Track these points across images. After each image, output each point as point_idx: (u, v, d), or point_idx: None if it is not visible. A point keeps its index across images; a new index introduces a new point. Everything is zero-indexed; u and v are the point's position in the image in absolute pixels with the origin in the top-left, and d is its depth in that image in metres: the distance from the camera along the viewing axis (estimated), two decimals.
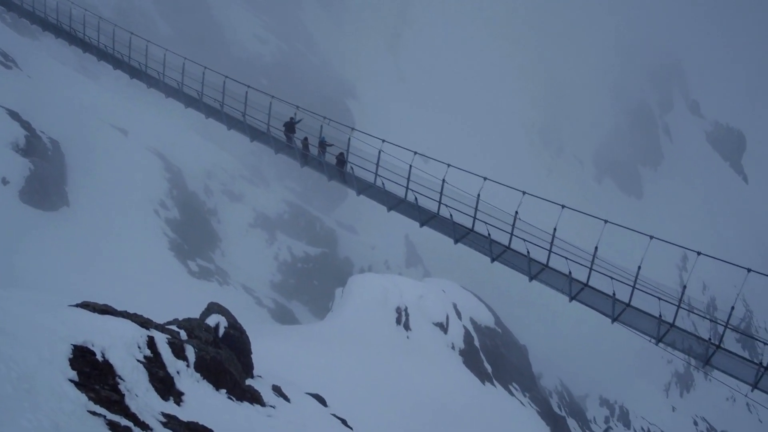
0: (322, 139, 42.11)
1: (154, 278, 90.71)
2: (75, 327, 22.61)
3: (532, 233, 33.76)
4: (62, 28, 58.15)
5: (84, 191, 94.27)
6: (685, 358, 34.45)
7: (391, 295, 75.43)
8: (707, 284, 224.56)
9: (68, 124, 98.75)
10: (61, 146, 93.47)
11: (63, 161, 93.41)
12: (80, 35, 56.81)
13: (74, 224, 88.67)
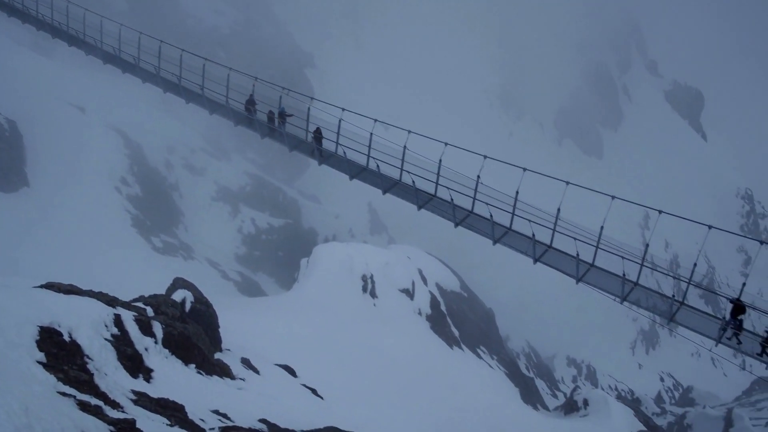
0: (281, 110, 41.91)
1: (118, 256, 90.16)
2: (41, 308, 22.47)
3: (494, 197, 33.81)
4: (15, 6, 57.34)
5: (44, 171, 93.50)
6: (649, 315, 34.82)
7: (357, 263, 75.47)
8: (669, 242, 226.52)
9: (25, 103, 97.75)
10: (19, 126, 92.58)
11: (21, 142, 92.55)
12: (33, 13, 56.03)
13: (35, 204, 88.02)
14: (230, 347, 36.88)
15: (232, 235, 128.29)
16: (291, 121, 42.15)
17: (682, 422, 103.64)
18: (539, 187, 34.36)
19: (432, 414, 51.01)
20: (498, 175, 31.91)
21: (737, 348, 30.46)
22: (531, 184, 32.56)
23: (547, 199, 33.03)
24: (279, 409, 30.55)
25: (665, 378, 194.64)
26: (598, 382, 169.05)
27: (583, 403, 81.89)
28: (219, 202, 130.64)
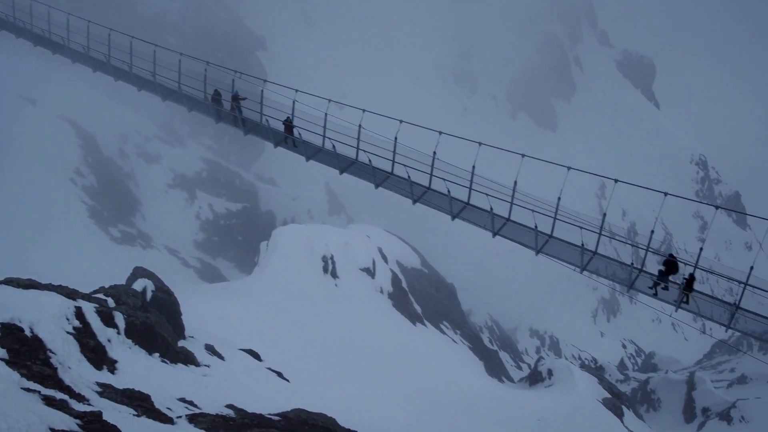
0: (234, 93, 41.72)
1: (76, 248, 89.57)
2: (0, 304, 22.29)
3: (451, 172, 33.88)
4: None
5: None
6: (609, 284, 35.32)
7: (316, 244, 75.37)
8: (626, 210, 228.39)
9: None
10: None
11: None
12: None
13: None
14: (193, 334, 36.76)
15: (190, 221, 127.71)
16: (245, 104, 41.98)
17: (646, 387, 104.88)
18: (495, 161, 34.46)
19: (398, 391, 51.21)
20: (454, 151, 31.98)
21: (655, 296, 31.15)
22: (487, 158, 32.64)
23: (503, 173, 33.13)
24: (245, 394, 30.54)
25: (627, 345, 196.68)
26: (561, 352, 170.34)
27: (548, 373, 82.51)
28: (175, 189, 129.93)
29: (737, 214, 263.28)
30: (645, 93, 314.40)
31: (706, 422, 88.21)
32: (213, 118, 43.67)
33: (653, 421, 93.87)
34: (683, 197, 33.05)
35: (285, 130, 39.94)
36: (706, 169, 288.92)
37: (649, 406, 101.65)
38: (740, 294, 28.36)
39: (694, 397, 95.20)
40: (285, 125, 39.84)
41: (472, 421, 52.11)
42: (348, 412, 34.88)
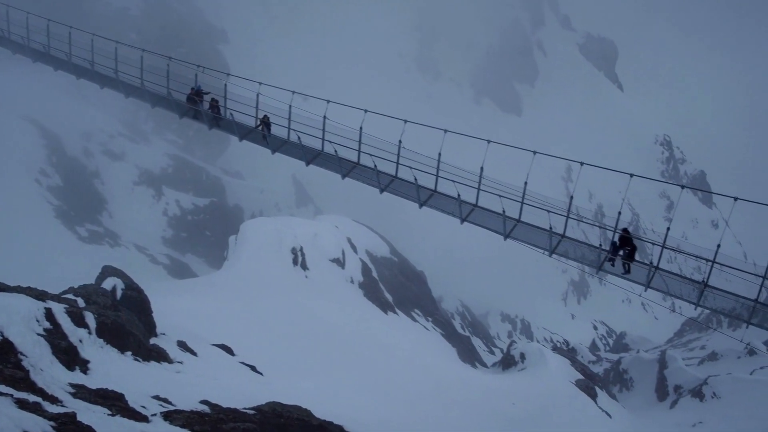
0: (198, 88, 41.54)
1: (44, 248, 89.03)
2: None
3: (418, 160, 33.92)
4: None
5: None
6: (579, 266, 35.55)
7: (285, 236, 75.33)
8: (593, 193, 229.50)
9: None
10: None
11: None
12: None
13: None
14: (165, 331, 36.64)
15: (157, 218, 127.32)
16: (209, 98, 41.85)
17: (618, 368, 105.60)
18: (461, 147, 34.56)
19: (371, 380, 51.32)
20: (420, 139, 32.05)
21: (613, 272, 31.59)
22: (453, 145, 32.74)
23: (469, 159, 33.24)
24: (220, 389, 30.50)
25: (598, 326, 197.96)
26: (533, 336, 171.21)
27: (520, 357, 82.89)
28: (142, 186, 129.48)
29: (703, 193, 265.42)
30: (608, 75, 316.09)
31: (678, 400, 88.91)
32: (176, 113, 43.45)
33: (626, 400, 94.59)
34: (649, 178, 33.32)
35: (263, 128, 39.72)
36: (670, 149, 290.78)
37: (622, 385, 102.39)
38: (708, 272, 28.60)
39: (666, 376, 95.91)
40: (262, 122, 39.64)
41: (446, 407, 52.33)
42: (322, 403, 34.94)
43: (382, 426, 38.27)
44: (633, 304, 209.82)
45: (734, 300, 29.86)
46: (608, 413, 72.62)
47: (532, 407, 61.06)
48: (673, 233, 29.62)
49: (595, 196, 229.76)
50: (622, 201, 38.05)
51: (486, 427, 49.49)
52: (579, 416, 65.58)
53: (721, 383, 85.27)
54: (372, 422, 37.52)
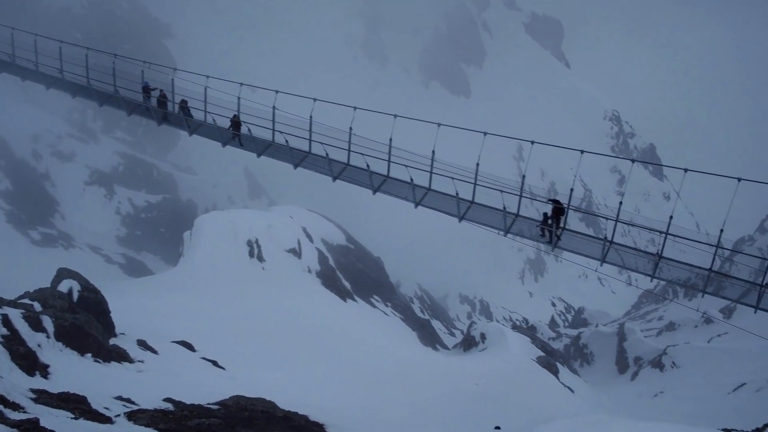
0: (145, 84, 41.27)
1: None
2: None
3: (369, 147, 33.96)
4: None
5: None
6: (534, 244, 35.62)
7: (240, 229, 75.03)
8: (545, 171, 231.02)
9: None
10: None
11: None
12: None
13: None
14: (124, 331, 36.44)
15: (110, 217, 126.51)
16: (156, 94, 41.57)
17: (578, 343, 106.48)
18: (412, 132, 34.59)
19: (334, 368, 51.34)
20: (370, 125, 32.07)
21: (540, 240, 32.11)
22: (403, 130, 32.75)
23: (421, 143, 33.34)
24: (182, 386, 30.41)
25: (556, 303, 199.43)
26: (492, 315, 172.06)
27: (481, 337, 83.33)
28: (93, 186, 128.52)
29: (654, 166, 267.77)
30: (555, 54, 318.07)
31: (639, 371, 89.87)
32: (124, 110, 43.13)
33: (588, 374, 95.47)
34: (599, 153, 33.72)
35: (233, 128, 39.39)
36: (619, 123, 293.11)
37: (583, 360, 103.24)
38: (662, 244, 28.93)
39: (626, 348, 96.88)
40: (233, 122, 39.32)
41: (410, 391, 52.48)
42: (286, 394, 34.93)
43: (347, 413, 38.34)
44: (590, 279, 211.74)
45: (689, 270, 30.23)
46: (570, 388, 73.27)
47: (494, 386, 61.40)
48: (626, 207, 29.90)
49: (547, 173, 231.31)
50: (573, 177, 38.31)
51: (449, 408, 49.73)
52: (542, 393, 66.07)
53: (679, 353, 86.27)
54: (336, 410, 37.58)
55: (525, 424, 25.25)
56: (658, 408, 71.26)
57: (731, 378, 72.51)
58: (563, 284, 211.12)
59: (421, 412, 46.71)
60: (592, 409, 66.63)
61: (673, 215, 28.12)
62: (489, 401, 55.75)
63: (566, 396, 69.87)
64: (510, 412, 51.73)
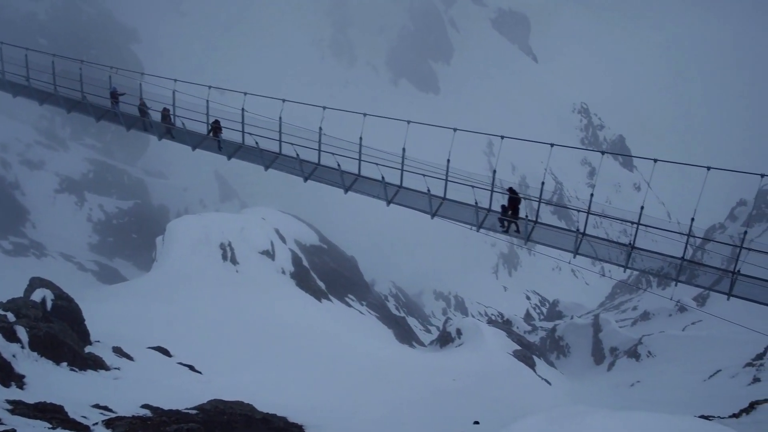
0: (113, 89, 41.06)
1: None
2: None
3: (340, 146, 33.96)
4: None
5: None
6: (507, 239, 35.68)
7: (212, 232, 74.83)
8: (515, 165, 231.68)
9: None
10: None
11: None
12: None
13: None
14: (100, 338, 36.27)
15: (82, 225, 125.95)
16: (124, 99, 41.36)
17: (554, 335, 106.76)
18: (382, 130, 34.64)
19: (311, 368, 51.33)
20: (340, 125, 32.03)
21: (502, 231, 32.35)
22: (373, 128, 32.78)
23: (391, 141, 33.37)
24: (159, 392, 30.34)
25: (531, 296, 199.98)
26: (467, 311, 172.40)
27: (457, 333, 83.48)
28: (63, 193, 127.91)
29: (624, 157, 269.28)
30: (522, 48, 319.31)
31: (615, 361, 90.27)
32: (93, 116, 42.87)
33: (564, 366, 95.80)
34: (569, 146, 33.92)
35: (213, 133, 39.19)
36: (588, 116, 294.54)
37: (559, 352, 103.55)
38: (634, 234, 29.09)
39: (601, 339, 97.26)
40: (213, 127, 39.11)
41: (388, 389, 52.55)
42: (265, 396, 34.92)
43: (326, 413, 38.38)
44: (563, 271, 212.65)
45: (662, 259, 30.41)
46: (548, 381, 73.56)
47: (472, 381, 61.56)
48: (597, 199, 30.05)
49: (517, 168, 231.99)
50: (544, 171, 38.56)
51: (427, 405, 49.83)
52: (519, 386, 66.30)
53: (655, 342, 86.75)
54: (315, 410, 37.61)
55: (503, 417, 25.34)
56: (635, 397, 71.58)
57: (707, 365, 72.97)
58: (537, 277, 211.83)
59: (400, 409, 46.76)
60: (569, 400, 66.94)
61: (644, 205, 28.28)
62: (467, 396, 55.86)
63: (543, 388, 70.15)
64: (488, 407, 51.85)
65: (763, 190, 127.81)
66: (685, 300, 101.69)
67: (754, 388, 58.97)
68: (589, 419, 19.00)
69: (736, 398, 52.49)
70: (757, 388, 58.16)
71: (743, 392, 57.19)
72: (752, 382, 61.47)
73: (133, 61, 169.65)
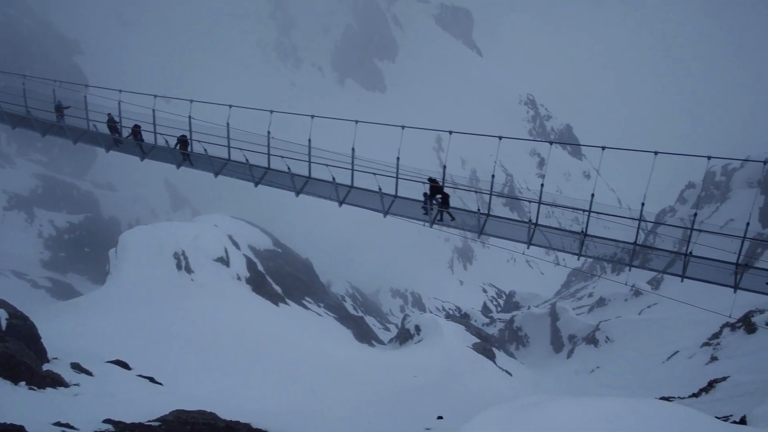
0: (58, 103, 40.73)
1: None
2: None
3: (289, 149, 33.97)
4: None
5: None
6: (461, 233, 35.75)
7: (166, 242, 74.32)
8: (465, 159, 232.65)
9: None
10: None
11: None
12: None
13: None
14: (57, 355, 35.93)
15: (33, 241, 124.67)
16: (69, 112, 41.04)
17: (512, 326, 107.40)
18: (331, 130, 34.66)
19: (272, 373, 51.27)
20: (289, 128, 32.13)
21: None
22: (322, 129, 32.83)
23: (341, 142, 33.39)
24: (121, 406, 30.15)
25: (487, 289, 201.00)
26: (425, 307, 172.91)
27: (416, 329, 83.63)
28: (12, 210, 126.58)
29: (572, 146, 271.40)
30: (466, 43, 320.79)
31: (574, 348, 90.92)
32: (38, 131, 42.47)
33: (524, 356, 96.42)
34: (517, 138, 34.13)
35: (180, 147, 38.88)
36: (535, 107, 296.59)
37: (518, 343, 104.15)
38: (586, 222, 29.38)
39: (559, 327, 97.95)
40: (180, 141, 38.81)
41: (350, 389, 52.60)
42: (227, 404, 34.83)
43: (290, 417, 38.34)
44: (518, 262, 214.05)
45: (615, 245, 30.78)
46: (508, 372, 73.92)
47: (433, 376, 61.75)
48: (548, 189, 30.28)
49: (467, 162, 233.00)
50: (494, 164, 38.84)
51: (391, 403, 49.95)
52: (480, 379, 66.52)
53: (612, 327, 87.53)
54: (278, 415, 37.56)
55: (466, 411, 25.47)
56: (596, 383, 72.23)
57: (664, 347, 73.74)
58: (492, 270, 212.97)
59: (364, 409, 46.84)
60: (531, 390, 67.34)
61: (595, 193, 28.59)
62: (429, 392, 56.03)
63: (505, 379, 70.46)
64: (451, 401, 52.04)
65: (710, 172, 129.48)
66: (639, 284, 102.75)
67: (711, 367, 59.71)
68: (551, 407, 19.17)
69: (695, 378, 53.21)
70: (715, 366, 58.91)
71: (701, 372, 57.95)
72: (710, 361, 62.23)
73: (76, 74, 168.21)
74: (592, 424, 18.30)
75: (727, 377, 45.91)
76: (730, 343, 63.68)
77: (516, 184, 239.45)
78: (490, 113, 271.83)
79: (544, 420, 18.34)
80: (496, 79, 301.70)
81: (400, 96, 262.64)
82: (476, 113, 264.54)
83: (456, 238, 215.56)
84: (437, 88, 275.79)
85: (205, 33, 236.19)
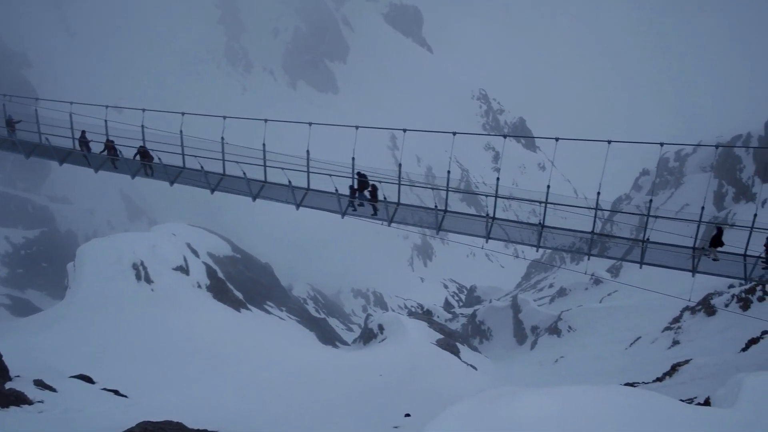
0: (8, 118, 40.35)
1: None
2: None
3: (244, 154, 33.92)
4: None
5: None
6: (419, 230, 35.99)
7: (124, 253, 73.76)
8: (420, 156, 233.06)
9: None
10: None
11: None
12: None
13: None
14: (19, 373, 35.62)
15: None
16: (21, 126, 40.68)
17: (475, 320, 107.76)
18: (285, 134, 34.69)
19: (237, 379, 51.17)
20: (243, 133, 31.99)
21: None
22: (276, 133, 32.80)
23: (296, 144, 33.36)
24: (86, 420, 29.98)
25: (448, 284, 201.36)
26: (387, 305, 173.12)
27: (379, 329, 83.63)
28: None
29: (526, 139, 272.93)
30: (416, 40, 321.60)
31: (537, 339, 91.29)
32: None
33: (488, 350, 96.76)
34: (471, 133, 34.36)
35: (141, 157, 38.55)
36: (487, 101, 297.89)
37: (482, 337, 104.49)
38: (543, 213, 29.59)
39: (521, 319, 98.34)
40: (140, 152, 38.48)
41: (317, 392, 52.58)
42: (194, 413, 34.72)
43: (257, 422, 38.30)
44: (477, 257, 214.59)
45: (573, 235, 31.02)
46: (473, 366, 74.17)
47: (398, 375, 61.82)
48: (504, 182, 30.51)
49: (423, 159, 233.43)
50: (449, 160, 39.01)
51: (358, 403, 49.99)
52: (446, 374, 66.71)
53: (574, 316, 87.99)
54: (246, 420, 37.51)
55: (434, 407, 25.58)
56: (560, 373, 72.55)
57: (626, 334, 74.24)
58: (452, 265, 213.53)
59: (331, 410, 46.87)
60: (496, 383, 67.56)
61: (551, 184, 28.81)
62: (396, 391, 56.12)
63: (470, 374, 70.70)
64: (418, 398, 52.20)
65: (663, 159, 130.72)
66: (599, 273, 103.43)
67: (674, 351, 60.25)
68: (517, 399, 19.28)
69: (658, 363, 53.67)
70: (677, 350, 59.45)
71: (664, 356, 58.42)
72: (672, 345, 62.79)
73: (25, 87, 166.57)
74: (558, 413, 18.46)
75: (690, 360, 46.37)
76: (690, 326, 64.29)
77: (472, 178, 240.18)
78: (443, 109, 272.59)
79: (510, 412, 18.47)
80: (448, 75, 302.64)
81: (353, 96, 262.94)
82: (430, 110, 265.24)
83: (415, 236, 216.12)
84: (390, 86, 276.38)
85: (155, 41, 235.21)
